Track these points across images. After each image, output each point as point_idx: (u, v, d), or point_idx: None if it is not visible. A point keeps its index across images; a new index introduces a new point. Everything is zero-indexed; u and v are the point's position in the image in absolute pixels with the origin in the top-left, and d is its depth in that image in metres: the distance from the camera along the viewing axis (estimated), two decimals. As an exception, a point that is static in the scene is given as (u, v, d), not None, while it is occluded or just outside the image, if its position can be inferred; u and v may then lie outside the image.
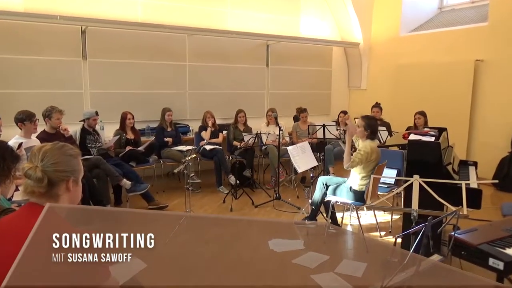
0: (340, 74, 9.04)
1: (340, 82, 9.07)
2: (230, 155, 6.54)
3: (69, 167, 1.43)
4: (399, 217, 5.01)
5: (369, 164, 4.09)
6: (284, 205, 5.45)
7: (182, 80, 7.04)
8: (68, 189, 1.43)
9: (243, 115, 6.61)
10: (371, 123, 4.15)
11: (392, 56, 8.24)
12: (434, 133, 4.04)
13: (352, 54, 8.94)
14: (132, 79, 6.57)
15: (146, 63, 6.65)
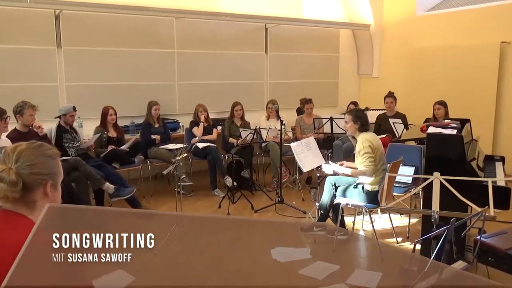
0: (348, 60, 9.03)
1: (348, 70, 9.06)
2: (225, 153, 6.55)
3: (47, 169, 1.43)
4: (418, 220, 5.03)
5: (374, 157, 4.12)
6: (288, 209, 5.45)
7: (170, 69, 7.03)
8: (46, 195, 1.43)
9: (240, 108, 6.61)
10: (358, 114, 4.26)
11: (407, 39, 8.24)
12: (455, 125, 4.05)
13: (361, 37, 8.94)
14: (114, 70, 6.56)
15: (129, 51, 6.64)
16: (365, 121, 4.23)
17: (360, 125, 4.20)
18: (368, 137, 4.15)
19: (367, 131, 4.23)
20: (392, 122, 5.99)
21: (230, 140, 6.50)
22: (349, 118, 4.25)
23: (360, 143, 4.15)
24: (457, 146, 3.47)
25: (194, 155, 6.27)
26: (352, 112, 4.30)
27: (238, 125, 6.60)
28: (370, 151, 4.08)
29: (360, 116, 4.23)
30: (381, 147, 4.21)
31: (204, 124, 6.43)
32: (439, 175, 2.56)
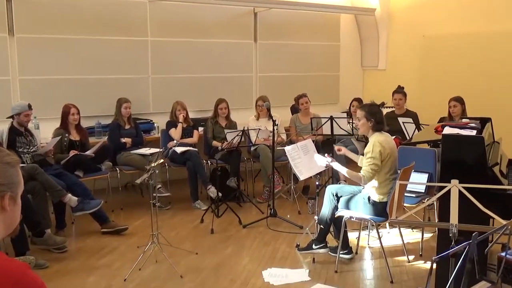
0: (350, 50, 9.11)
1: (351, 61, 9.13)
2: (208, 159, 6.55)
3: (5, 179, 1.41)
4: (432, 235, 5.08)
5: (384, 165, 4.15)
6: (282, 223, 5.46)
7: (143, 61, 7.02)
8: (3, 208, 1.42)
9: (225, 106, 6.62)
10: (373, 110, 4.23)
11: (418, 26, 8.32)
12: (475, 125, 4.10)
13: (366, 23, 9.02)
14: (77, 61, 6.54)
15: (94, 39, 6.62)
16: (381, 118, 4.22)
17: (375, 123, 4.19)
18: (381, 140, 4.15)
19: (381, 131, 4.24)
20: (402, 122, 6.03)
21: (214, 143, 6.50)
22: (361, 115, 4.24)
23: (370, 145, 4.16)
24: (477, 149, 3.50)
25: (172, 161, 6.25)
26: (365, 108, 4.27)
27: (223, 125, 6.60)
28: (377, 157, 4.08)
29: (374, 113, 4.21)
30: (395, 152, 4.22)
31: (183, 125, 6.43)
32: (457, 183, 2.58)
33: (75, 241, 5.07)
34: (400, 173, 4.02)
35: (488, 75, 7.41)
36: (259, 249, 4.81)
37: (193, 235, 5.21)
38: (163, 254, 4.34)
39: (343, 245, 4.40)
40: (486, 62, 7.42)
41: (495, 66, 7.32)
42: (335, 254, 4.41)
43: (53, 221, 5.13)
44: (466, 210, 2.78)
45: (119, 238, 5.10)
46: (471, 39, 7.60)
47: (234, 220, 5.56)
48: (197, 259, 4.54)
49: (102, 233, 5.18)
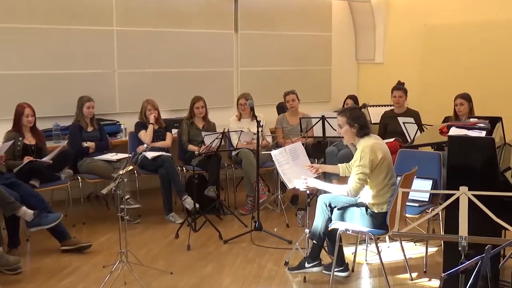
0: (344, 41, 9.16)
1: (344, 54, 9.18)
2: (184, 165, 6.53)
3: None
4: (437, 249, 5.14)
5: (379, 170, 4.18)
6: (268, 238, 5.47)
7: (108, 53, 6.99)
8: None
9: (202, 105, 6.61)
10: (354, 114, 4.29)
11: (419, 14, 8.41)
12: (484, 125, 4.17)
13: (361, 11, 9.09)
14: (31, 54, 6.48)
15: (51, 29, 6.56)
16: (364, 122, 4.28)
17: (359, 128, 4.24)
18: (370, 144, 4.18)
19: (368, 135, 4.28)
20: (402, 122, 6.09)
21: (190, 147, 6.49)
22: (343, 121, 4.28)
23: (358, 152, 4.20)
24: (487, 152, 3.56)
25: (142, 168, 6.23)
26: (345, 113, 4.31)
27: (200, 127, 6.59)
28: (366, 165, 4.11)
29: (356, 117, 4.26)
30: (388, 155, 4.27)
31: (154, 126, 6.41)
32: (466, 190, 2.61)
33: (31, 261, 5.01)
34: (401, 179, 4.05)
35: (498, 69, 7.48)
36: (242, 267, 4.80)
37: (167, 252, 5.17)
38: (133, 275, 4.31)
39: (338, 262, 4.42)
40: (496, 54, 7.50)
41: (507, 59, 7.39)
42: (329, 272, 4.42)
43: (5, 238, 5.05)
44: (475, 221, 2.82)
45: (81, 256, 5.05)
46: (480, 29, 7.68)
47: (214, 234, 5.55)
48: (172, 280, 4.52)
49: (62, 251, 5.12)
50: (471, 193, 2.59)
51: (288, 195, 6.73)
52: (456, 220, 2.84)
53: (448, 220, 3.71)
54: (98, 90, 6.71)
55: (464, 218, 2.48)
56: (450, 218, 3.68)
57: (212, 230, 5.60)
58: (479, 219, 2.74)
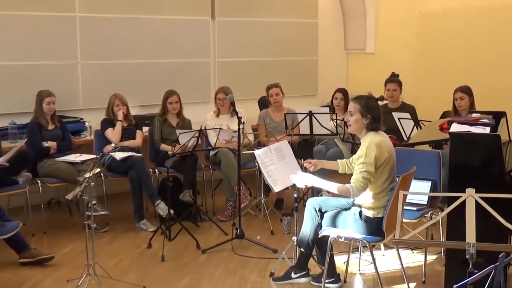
0: (331, 29, 9.17)
1: (332, 43, 9.19)
2: (156, 167, 6.49)
3: None
4: (436, 257, 5.18)
5: (382, 172, 4.19)
6: (251, 247, 5.45)
7: (70, 43, 6.93)
8: None
9: (176, 100, 6.58)
10: (370, 105, 4.26)
11: (414, 0, 8.45)
12: (488, 120, 4.20)
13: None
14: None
15: (5, 15, 6.48)
16: (378, 116, 4.24)
17: (371, 121, 4.21)
18: (377, 141, 4.16)
19: (377, 130, 4.28)
20: (397, 118, 6.11)
21: (162, 147, 6.45)
22: (356, 109, 4.23)
23: (364, 147, 4.17)
24: (493, 151, 3.59)
25: (109, 171, 6.16)
26: (361, 100, 4.25)
27: (174, 124, 6.57)
28: (371, 163, 4.09)
29: (372, 108, 4.22)
30: (393, 157, 4.26)
31: (123, 123, 6.38)
32: (474, 193, 2.63)
33: (-14, 275, 4.94)
34: (399, 181, 4.06)
35: (502, 59, 7.52)
36: (223, 280, 4.79)
37: (139, 264, 5.14)
38: (102, 289, 4.29)
39: (329, 272, 4.42)
40: (500, 43, 7.54)
41: (508, 49, 7.46)
42: (319, 283, 4.42)
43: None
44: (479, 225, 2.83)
45: (43, 270, 4.99)
46: (481, 15, 7.72)
47: (191, 243, 5.52)
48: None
49: (20, 264, 5.05)
50: (479, 195, 2.60)
51: (272, 199, 6.73)
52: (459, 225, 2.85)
53: (450, 225, 3.74)
54: (59, 84, 6.64)
55: (471, 223, 2.49)
56: (452, 223, 3.71)
57: (188, 239, 5.56)
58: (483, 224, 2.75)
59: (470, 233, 2.46)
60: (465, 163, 3.67)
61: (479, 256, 2.45)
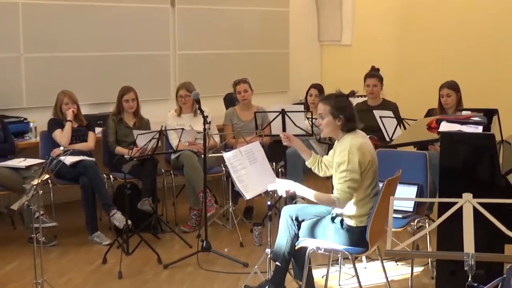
0: (304, 19, 9.22)
1: (304, 34, 9.24)
2: (111, 172, 6.45)
3: None
4: (423, 269, 5.23)
5: (365, 177, 4.20)
6: (219, 260, 5.45)
7: (12, 33, 6.85)
8: None
9: (132, 97, 6.54)
10: (341, 103, 4.25)
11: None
12: (480, 119, 4.25)
13: (323, -18, 9.18)
14: None
15: None
16: (351, 114, 4.24)
17: (344, 122, 4.21)
18: (357, 144, 4.16)
19: (354, 130, 4.29)
20: (379, 116, 6.16)
21: (118, 150, 6.42)
22: (325, 110, 4.24)
23: (344, 152, 4.16)
24: (487, 151, 3.62)
25: (58, 177, 6.06)
26: (330, 100, 4.26)
27: (130, 124, 6.54)
28: (355, 169, 4.08)
29: (343, 107, 4.22)
30: (376, 159, 4.27)
31: (72, 124, 6.32)
32: (471, 198, 2.64)
33: None
34: (384, 186, 4.08)
35: (492, 52, 7.61)
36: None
37: (93, 282, 5.10)
38: (52, 311, 4.24)
39: (307, 287, 4.42)
40: (489, 33, 7.63)
41: (504, 40, 7.53)
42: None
43: None
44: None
45: (-17, 290, 4.93)
46: (469, 2, 7.82)
47: (151, 258, 5.49)
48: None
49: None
50: (477, 200, 2.62)
51: (241, 207, 6.72)
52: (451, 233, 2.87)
53: (441, 233, 3.76)
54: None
55: (470, 231, 2.50)
56: (443, 231, 3.73)
57: (148, 253, 5.53)
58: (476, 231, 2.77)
59: (468, 242, 2.47)
60: (457, 166, 3.71)
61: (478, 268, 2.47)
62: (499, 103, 5.36)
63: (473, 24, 7.76)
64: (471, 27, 7.78)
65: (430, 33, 8.15)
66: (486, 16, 7.67)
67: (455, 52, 7.86)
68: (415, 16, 8.33)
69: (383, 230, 4.43)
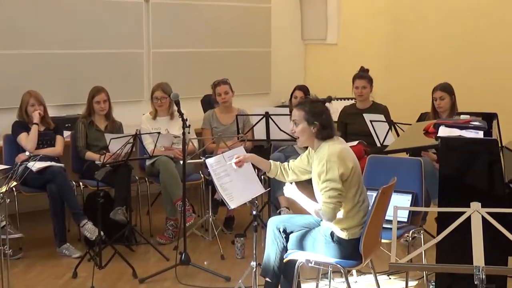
0: (287, 15, 9.24)
1: (287, 32, 9.26)
2: (80, 179, 6.41)
3: None
4: (417, 283, 5.24)
5: (349, 185, 4.20)
6: (199, 274, 5.43)
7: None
8: None
9: (104, 98, 6.51)
10: (315, 109, 4.26)
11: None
12: (480, 123, 4.27)
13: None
14: None
15: None
16: (327, 121, 4.24)
17: (320, 129, 4.21)
18: (336, 151, 4.16)
19: (331, 137, 4.29)
20: (370, 120, 6.18)
21: (88, 155, 6.40)
22: (300, 116, 4.24)
23: (323, 162, 4.15)
24: (490, 158, 3.65)
25: (23, 185, 5.98)
26: (303, 106, 4.27)
27: (102, 128, 6.51)
28: (337, 179, 4.09)
29: (318, 112, 4.22)
30: (358, 164, 4.28)
31: (39, 127, 6.27)
32: (480, 207, 2.67)
33: None
34: (379, 194, 4.08)
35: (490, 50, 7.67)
36: (167, 315, 4.76)
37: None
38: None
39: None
40: (488, 31, 7.68)
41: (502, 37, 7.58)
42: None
43: None
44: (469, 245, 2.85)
45: None
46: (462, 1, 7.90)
47: (126, 271, 5.45)
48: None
49: None
50: (486, 210, 2.65)
51: (220, 217, 6.69)
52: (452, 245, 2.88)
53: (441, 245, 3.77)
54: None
55: (479, 243, 2.52)
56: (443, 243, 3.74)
57: (123, 266, 5.49)
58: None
59: (478, 254, 2.49)
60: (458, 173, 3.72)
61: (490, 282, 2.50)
62: (497, 106, 5.42)
63: (468, 23, 7.84)
64: (465, 26, 7.86)
65: (422, 32, 8.21)
66: (483, 14, 7.73)
67: (449, 52, 7.91)
68: (406, 12, 8.37)
69: (377, 241, 4.45)
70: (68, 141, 6.60)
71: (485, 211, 2.66)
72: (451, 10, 7.94)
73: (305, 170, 4.45)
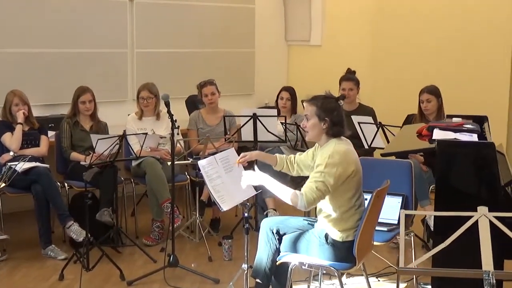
0: (271, 16, 9.24)
1: (270, 32, 9.26)
2: (65, 180, 6.37)
3: None
4: (406, 285, 5.24)
5: (347, 187, 4.21)
6: (187, 276, 5.42)
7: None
8: None
9: (89, 98, 6.46)
10: (328, 106, 4.25)
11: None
12: (473, 126, 4.29)
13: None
14: None
15: None
16: (339, 118, 4.24)
17: (330, 125, 4.20)
18: (342, 150, 4.16)
19: (340, 136, 4.29)
20: (357, 122, 6.19)
21: (73, 156, 6.36)
22: (312, 111, 4.22)
23: (326, 156, 4.14)
24: (487, 161, 3.66)
25: (9, 186, 5.94)
26: (316, 101, 4.24)
27: (87, 128, 6.48)
28: (332, 173, 4.06)
29: (330, 109, 4.21)
30: (360, 169, 4.26)
31: (23, 127, 6.21)
32: (487, 211, 2.66)
33: None
34: (373, 197, 4.08)
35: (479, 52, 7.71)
36: (155, 317, 4.74)
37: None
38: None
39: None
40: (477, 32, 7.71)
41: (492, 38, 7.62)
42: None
43: None
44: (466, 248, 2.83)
45: None
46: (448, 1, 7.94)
47: (113, 273, 5.42)
48: None
49: None
50: (493, 214, 2.64)
51: (207, 218, 6.67)
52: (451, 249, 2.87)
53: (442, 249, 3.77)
54: None
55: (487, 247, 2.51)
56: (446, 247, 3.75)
57: (109, 268, 5.46)
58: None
59: (487, 259, 2.49)
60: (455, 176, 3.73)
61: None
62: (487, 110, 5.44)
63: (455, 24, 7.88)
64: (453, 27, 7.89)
65: (408, 33, 8.23)
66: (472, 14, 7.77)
67: (436, 53, 7.94)
68: (391, 14, 8.39)
69: (370, 244, 4.45)
70: (52, 142, 6.55)
71: (493, 215, 2.66)
72: (435, 12, 7.98)
73: (308, 165, 4.41)
